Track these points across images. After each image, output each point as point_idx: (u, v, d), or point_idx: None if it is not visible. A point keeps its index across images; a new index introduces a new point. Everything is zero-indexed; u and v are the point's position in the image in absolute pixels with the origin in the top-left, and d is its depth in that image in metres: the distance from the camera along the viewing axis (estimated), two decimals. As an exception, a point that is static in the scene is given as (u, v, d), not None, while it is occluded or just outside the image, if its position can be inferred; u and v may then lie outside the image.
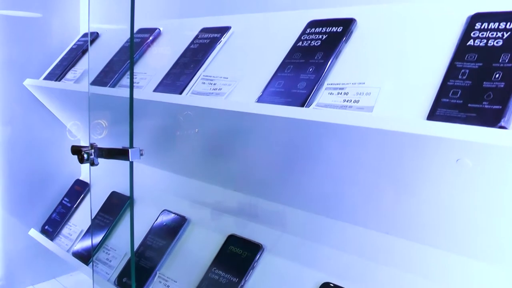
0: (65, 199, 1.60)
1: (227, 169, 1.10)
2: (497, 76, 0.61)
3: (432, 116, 0.63)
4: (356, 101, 0.72)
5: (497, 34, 0.66)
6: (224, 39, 1.06)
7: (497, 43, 0.65)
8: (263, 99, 0.84)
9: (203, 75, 1.01)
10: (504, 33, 0.65)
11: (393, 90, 0.71)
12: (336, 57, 0.83)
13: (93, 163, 0.87)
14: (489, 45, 0.65)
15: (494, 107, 0.59)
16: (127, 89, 0.88)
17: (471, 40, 0.67)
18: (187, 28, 1.19)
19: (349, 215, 0.91)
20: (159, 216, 1.26)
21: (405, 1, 0.81)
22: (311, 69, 0.83)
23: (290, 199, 1.01)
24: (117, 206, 1.40)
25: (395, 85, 0.72)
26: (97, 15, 1.54)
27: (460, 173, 0.62)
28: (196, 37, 1.12)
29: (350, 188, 0.85)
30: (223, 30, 1.07)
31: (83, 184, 1.61)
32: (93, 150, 0.86)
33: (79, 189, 1.60)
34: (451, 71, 0.66)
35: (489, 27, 0.67)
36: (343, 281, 0.89)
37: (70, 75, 1.40)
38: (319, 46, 0.86)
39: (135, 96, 0.89)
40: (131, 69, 1.02)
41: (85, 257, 1.37)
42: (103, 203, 1.44)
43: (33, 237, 1.54)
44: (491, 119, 0.58)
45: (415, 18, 0.78)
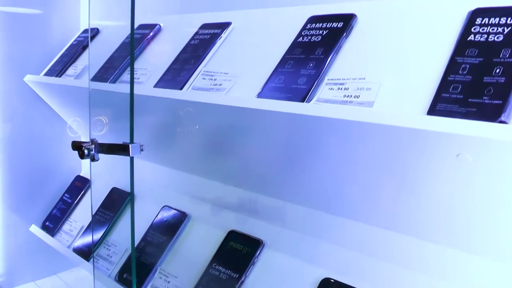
0: (65, 195, 1.60)
1: (228, 165, 1.11)
2: (497, 71, 0.61)
3: (433, 111, 0.63)
4: (357, 97, 0.72)
5: (497, 29, 0.66)
6: (225, 34, 1.06)
7: (497, 38, 0.65)
8: (263, 94, 0.84)
9: (204, 71, 1.01)
10: (505, 28, 0.65)
11: (393, 86, 0.71)
12: (337, 52, 0.83)
13: (93, 159, 0.87)
14: (489, 40, 0.65)
15: (494, 102, 0.59)
16: (128, 85, 0.88)
17: (472, 35, 0.67)
18: (187, 24, 1.19)
19: (349, 211, 0.91)
20: (160, 212, 1.26)
21: (405, -4, 0.81)
22: (311, 65, 0.83)
23: (290, 195, 1.01)
24: (117, 202, 1.40)
25: (395, 80, 0.72)
26: (97, 11, 1.54)
27: (460, 168, 0.62)
28: (196, 33, 1.12)
29: (350, 184, 0.85)
30: (224, 26, 1.07)
31: (83, 180, 1.61)
32: (93, 145, 0.86)
33: (79, 185, 1.61)
34: (451, 66, 0.66)
35: (490, 22, 0.67)
36: (343, 276, 0.89)
37: (70, 71, 1.40)
38: (320, 41, 0.86)
39: (135, 92, 0.88)
40: (131, 64, 1.03)
41: (85, 253, 1.37)
42: (103, 199, 1.44)
43: (34, 233, 1.54)
44: (492, 114, 0.58)
45: (415, 13, 0.78)
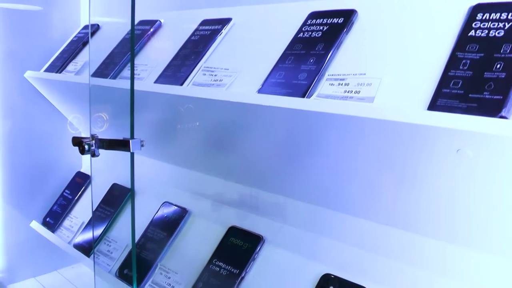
0: (66, 191, 1.61)
1: (228, 161, 1.11)
2: (498, 66, 0.61)
3: (433, 106, 0.63)
4: (357, 92, 0.72)
5: (498, 25, 0.65)
6: (225, 30, 1.06)
7: (498, 33, 0.65)
8: (264, 90, 0.84)
9: (204, 67, 1.01)
10: (506, 23, 0.65)
11: (394, 81, 0.71)
12: (337, 48, 0.83)
13: (94, 154, 0.87)
14: (490, 35, 0.65)
15: (495, 97, 0.59)
16: (128, 81, 0.88)
17: (473, 31, 0.67)
18: (188, 20, 1.18)
19: (350, 206, 0.91)
20: (160, 208, 1.26)
21: (406, -8, 0.81)
22: (312, 60, 0.83)
23: (291, 190, 1.01)
24: (118, 198, 1.40)
25: (396, 76, 0.72)
26: (98, 7, 1.54)
27: (460, 163, 0.62)
28: (197, 29, 1.12)
29: (351, 180, 0.85)
30: (224, 21, 1.07)
31: (84, 176, 1.61)
32: (94, 141, 0.86)
33: (80, 181, 1.61)
34: (452, 62, 0.66)
35: (491, 17, 0.67)
36: (343, 272, 0.89)
37: (71, 67, 1.40)
38: (320, 37, 0.85)
39: (136, 88, 0.89)
40: (131, 60, 1.02)
41: (86, 249, 1.37)
42: (104, 195, 1.44)
43: (34, 229, 1.54)
44: (492, 109, 0.58)
45: (416, 9, 0.78)
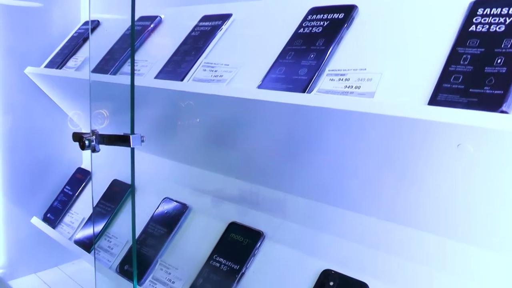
0: (66, 187, 1.61)
1: (228, 156, 1.11)
2: (499, 61, 0.61)
3: (434, 101, 0.63)
4: (357, 87, 0.72)
5: (499, 20, 0.65)
6: (225, 26, 1.06)
7: (499, 28, 0.64)
8: (264, 85, 0.84)
9: (204, 62, 1.01)
10: (507, 18, 0.65)
11: (394, 76, 0.71)
12: (338, 43, 0.82)
13: (94, 150, 0.87)
14: (491, 30, 0.65)
15: (495, 92, 0.59)
16: (128, 76, 0.88)
17: (473, 26, 0.67)
18: (188, 15, 1.18)
19: (350, 202, 0.91)
20: (161, 204, 1.26)
21: (407, -13, 0.80)
22: (312, 56, 0.82)
23: (291, 186, 1.01)
24: (118, 194, 1.40)
25: (396, 71, 0.72)
26: (98, 3, 1.53)
27: (461, 158, 0.62)
28: (197, 25, 1.12)
29: (351, 175, 0.85)
30: (224, 17, 1.07)
31: (84, 172, 1.62)
32: (94, 136, 0.86)
33: (80, 177, 1.61)
34: (452, 57, 0.66)
35: (492, 12, 0.67)
36: (343, 268, 0.89)
37: (71, 63, 1.40)
38: (321, 32, 0.85)
39: (136, 83, 0.88)
40: (132, 55, 1.02)
41: (87, 245, 1.38)
42: (104, 191, 1.44)
43: (35, 225, 1.55)
44: (493, 104, 0.58)
45: (416, 4, 0.78)
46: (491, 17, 0.66)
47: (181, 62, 1.05)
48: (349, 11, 0.85)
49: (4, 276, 1.55)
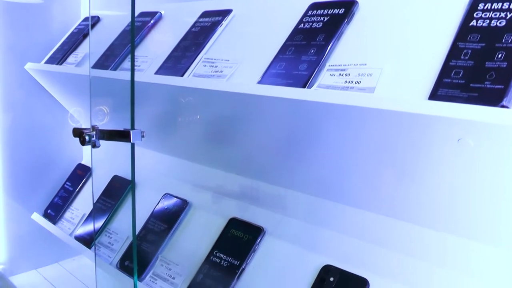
0: (67, 183, 1.61)
1: (229, 152, 1.11)
2: (499, 56, 0.61)
3: (434, 96, 0.63)
4: (358, 82, 0.72)
5: (500, 15, 0.65)
6: (226, 22, 1.05)
7: (500, 23, 0.64)
8: (264, 80, 0.84)
9: (205, 58, 1.01)
10: (508, 13, 0.64)
11: (394, 71, 0.71)
12: (338, 38, 0.82)
13: (94, 145, 0.87)
14: (492, 25, 0.65)
15: (496, 86, 0.59)
16: (128, 72, 0.88)
17: (474, 21, 0.67)
18: (188, 11, 1.18)
19: (350, 197, 0.91)
20: (161, 199, 1.26)
21: (407, -18, 0.80)
22: (312, 51, 0.82)
23: (291, 182, 1.01)
24: (119, 190, 1.40)
25: (396, 66, 0.72)
26: (98, -1, 1.53)
27: (461, 153, 0.62)
28: (197, 20, 1.12)
29: (351, 171, 0.85)
30: (225, 13, 1.07)
31: (85, 168, 1.62)
32: (94, 132, 0.86)
33: (81, 173, 1.61)
34: (453, 52, 0.66)
35: (492, 7, 0.66)
36: (343, 263, 0.89)
37: (71, 59, 1.39)
38: (321, 28, 0.85)
39: (136, 79, 0.88)
40: (132, 51, 1.02)
41: (87, 240, 1.38)
42: (105, 187, 1.45)
43: (35, 221, 1.55)
44: (493, 98, 0.58)
45: (417, -1, 0.78)
46: (491, 12, 0.66)
47: (181, 57, 1.05)
48: (349, 6, 0.84)
49: (5, 272, 1.55)
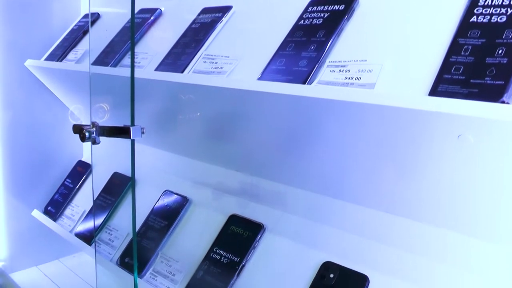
0: (67, 180, 1.61)
1: (229, 149, 1.11)
2: (500, 52, 0.61)
3: (434, 92, 0.63)
4: (358, 78, 0.72)
5: (501, 10, 0.65)
6: (226, 18, 1.05)
7: (500, 19, 0.64)
8: (264, 77, 0.84)
9: (205, 54, 1.00)
10: (508, 9, 0.64)
11: (395, 67, 0.71)
12: (338, 35, 0.82)
13: (94, 142, 0.87)
14: (492, 21, 0.65)
15: (496, 82, 0.59)
16: (128, 69, 0.88)
17: (474, 17, 0.67)
18: (188, 8, 1.18)
19: (350, 194, 0.91)
20: (161, 196, 1.26)
21: (408, -22, 0.80)
22: (312, 47, 0.82)
23: (291, 178, 1.01)
24: (119, 187, 1.40)
25: (397, 62, 0.71)
26: (98, -5, 1.53)
27: (461, 149, 0.62)
28: (197, 17, 1.12)
29: (351, 167, 0.85)
30: (225, 9, 1.07)
31: (85, 165, 1.62)
32: (94, 128, 0.86)
33: (81, 170, 1.61)
34: (453, 48, 0.66)
35: (493, 3, 0.66)
36: (344, 260, 0.89)
37: (71, 55, 1.39)
38: (321, 24, 0.85)
39: (136, 75, 0.88)
40: (132, 48, 1.02)
41: (87, 237, 1.38)
42: (105, 184, 1.45)
43: (36, 218, 1.55)
44: (493, 94, 0.58)
45: (418, -5, 0.77)
46: (492, 8, 0.66)
47: (181, 54, 1.05)
48: (349, 2, 0.84)
49: (5, 268, 1.55)
